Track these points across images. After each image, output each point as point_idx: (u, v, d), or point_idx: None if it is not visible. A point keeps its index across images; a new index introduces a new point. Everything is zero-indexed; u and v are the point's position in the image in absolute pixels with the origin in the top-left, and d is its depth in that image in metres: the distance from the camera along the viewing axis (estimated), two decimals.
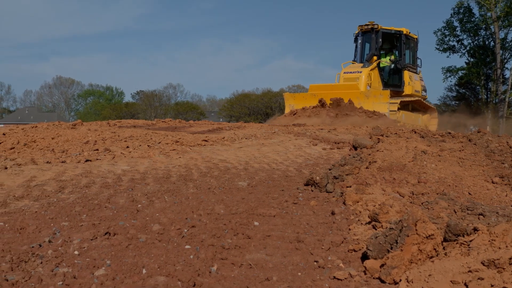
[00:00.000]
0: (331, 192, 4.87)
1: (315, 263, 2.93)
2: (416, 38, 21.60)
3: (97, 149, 7.93)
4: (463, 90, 52.47)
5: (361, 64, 20.11)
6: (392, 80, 20.50)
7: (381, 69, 20.34)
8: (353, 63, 21.04)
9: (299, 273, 2.77)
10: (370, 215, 3.62)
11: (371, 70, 19.39)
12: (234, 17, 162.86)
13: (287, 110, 19.82)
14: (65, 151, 7.82)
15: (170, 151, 7.95)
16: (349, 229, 3.58)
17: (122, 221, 3.68)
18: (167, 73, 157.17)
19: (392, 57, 20.74)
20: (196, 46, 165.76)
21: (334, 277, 2.68)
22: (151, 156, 7.29)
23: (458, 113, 31.38)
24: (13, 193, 4.59)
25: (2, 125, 24.00)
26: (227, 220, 3.77)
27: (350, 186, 4.89)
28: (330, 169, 6.06)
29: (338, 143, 9.59)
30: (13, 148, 8.29)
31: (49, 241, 3.19)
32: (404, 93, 20.36)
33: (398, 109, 18.22)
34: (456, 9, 46.65)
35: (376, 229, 3.41)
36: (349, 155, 7.36)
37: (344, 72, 19.88)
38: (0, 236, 3.30)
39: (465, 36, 47.64)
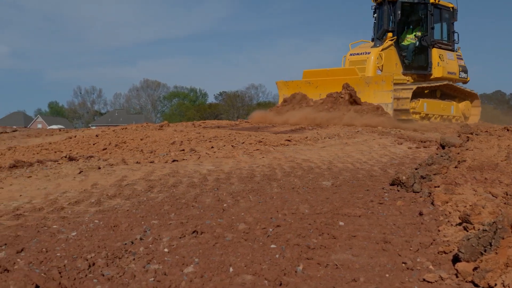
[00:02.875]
0: (418, 192, 4.73)
1: (403, 264, 2.85)
2: (452, 7, 17.71)
3: (183, 150, 8.16)
4: None
5: (372, 43, 16.92)
6: (417, 61, 17.00)
7: (402, 48, 16.97)
8: (371, 41, 17.47)
9: (387, 275, 2.71)
10: (460, 216, 3.48)
11: (384, 49, 16.02)
12: (315, 16, 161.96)
13: (280, 101, 16.66)
14: (153, 151, 8.11)
15: (254, 151, 8.03)
16: (438, 230, 3.46)
17: (209, 220, 3.76)
18: (248, 73, 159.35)
19: (419, 33, 17.05)
20: (276, 46, 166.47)
21: (424, 280, 2.60)
22: (235, 156, 7.40)
23: None
24: (106, 192, 4.81)
25: (94, 127, 25.20)
26: (311, 220, 3.76)
27: (439, 186, 4.73)
28: (416, 169, 5.89)
29: (424, 142, 9.33)
30: (105, 149, 8.70)
31: (141, 239, 3.31)
32: (432, 77, 16.97)
33: (414, 97, 15.31)
34: None
35: (467, 231, 3.28)
36: (437, 154, 7.12)
37: (351, 54, 16.66)
38: (96, 233, 3.47)
39: None
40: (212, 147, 8.42)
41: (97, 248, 3.09)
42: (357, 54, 16.36)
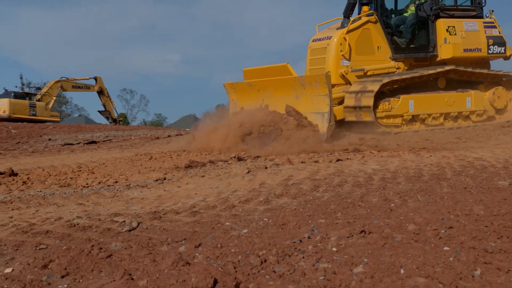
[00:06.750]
0: None
1: None
2: None
3: (347, 149, 8.13)
4: None
5: (339, 24, 11.53)
6: (417, 40, 11.78)
7: (396, 24, 11.94)
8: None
9: None
10: None
11: (351, 31, 10.97)
12: None
13: (231, 109, 12.00)
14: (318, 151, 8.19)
15: (420, 149, 7.76)
16: None
17: (376, 220, 3.69)
18: None
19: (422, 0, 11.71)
20: None
21: None
22: (400, 155, 7.21)
23: None
24: (273, 191, 4.96)
25: None
26: (488, 222, 3.51)
27: None
28: None
29: None
30: None
31: (308, 237, 3.35)
32: (439, 58, 11.71)
33: (392, 94, 10.67)
34: None
35: None
36: None
37: (313, 40, 11.67)
38: (265, 231, 3.60)
39: None
40: (376, 146, 8.29)
41: (267, 245, 3.19)
42: (319, 39, 11.56)
